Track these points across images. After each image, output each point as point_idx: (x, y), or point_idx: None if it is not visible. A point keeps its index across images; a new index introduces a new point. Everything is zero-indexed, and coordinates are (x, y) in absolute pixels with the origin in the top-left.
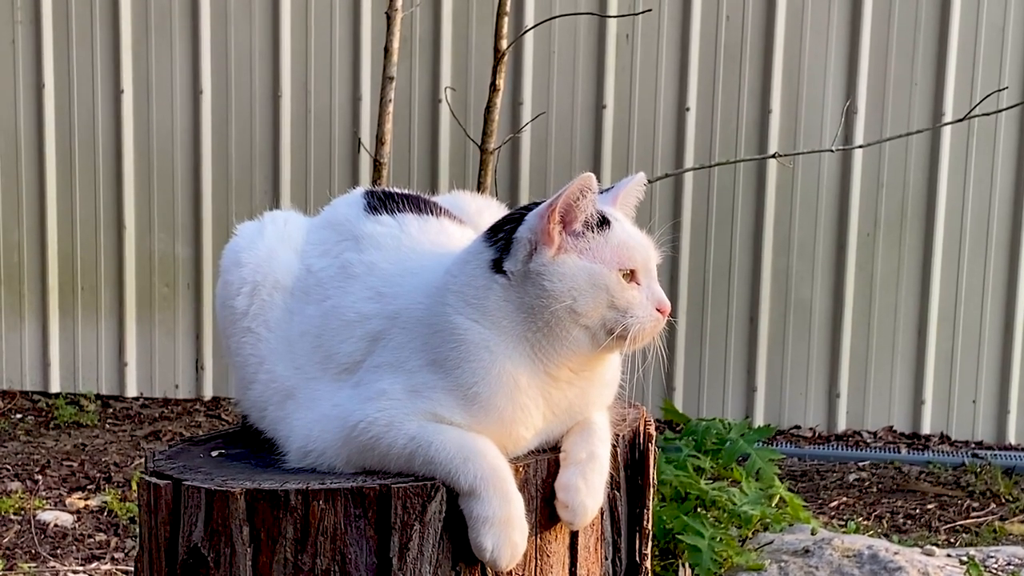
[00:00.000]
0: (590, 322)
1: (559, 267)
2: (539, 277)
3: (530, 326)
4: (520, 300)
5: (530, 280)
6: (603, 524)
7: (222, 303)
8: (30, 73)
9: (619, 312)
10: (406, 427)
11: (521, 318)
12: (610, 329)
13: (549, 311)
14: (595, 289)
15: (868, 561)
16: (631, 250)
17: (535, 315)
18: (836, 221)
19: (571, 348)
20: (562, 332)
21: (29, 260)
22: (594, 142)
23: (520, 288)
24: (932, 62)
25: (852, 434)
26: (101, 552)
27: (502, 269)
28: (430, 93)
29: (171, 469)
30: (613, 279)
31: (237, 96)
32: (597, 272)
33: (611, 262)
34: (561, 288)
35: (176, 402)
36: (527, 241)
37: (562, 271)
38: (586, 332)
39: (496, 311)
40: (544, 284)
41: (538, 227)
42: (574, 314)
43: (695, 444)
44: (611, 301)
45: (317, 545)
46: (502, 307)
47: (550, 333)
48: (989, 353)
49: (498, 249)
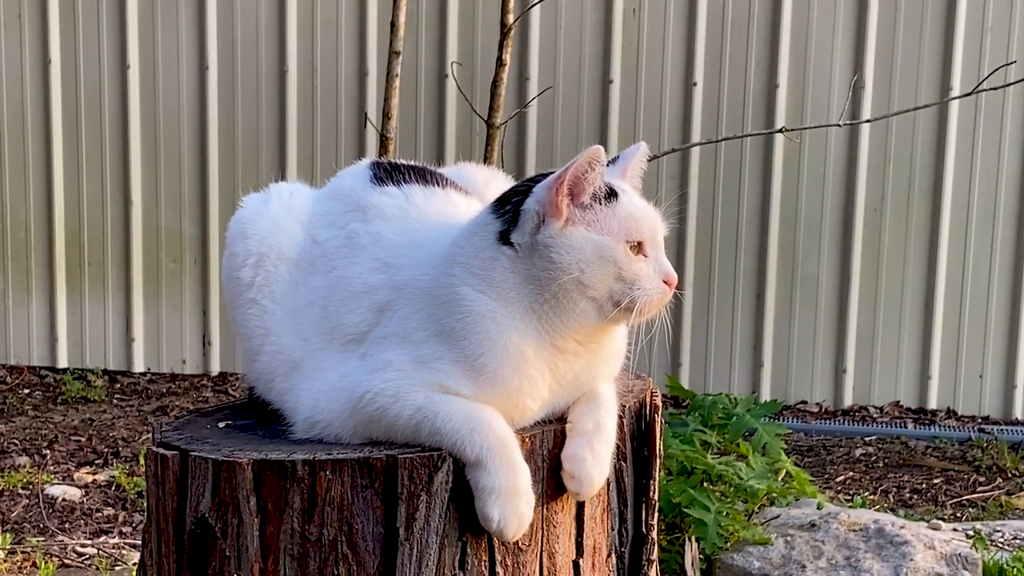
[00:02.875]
0: (597, 294)
1: (567, 239)
2: (547, 249)
3: (537, 298)
4: (527, 272)
5: (537, 252)
6: (609, 495)
7: (228, 275)
8: (36, 49)
9: (626, 284)
10: (413, 398)
11: (528, 290)
12: (617, 301)
13: (556, 283)
14: (602, 261)
15: (874, 535)
16: (638, 222)
17: (542, 287)
18: (843, 196)
19: (578, 320)
20: (569, 304)
21: (36, 236)
22: (601, 117)
23: (527, 260)
24: (940, 36)
25: (858, 409)
26: (109, 526)
27: (509, 241)
28: (436, 68)
29: (178, 440)
30: (620, 251)
31: (243, 71)
32: (604, 244)
33: (618, 234)
34: (568, 260)
35: (183, 377)
36: (535, 213)
37: (570, 243)
38: (593, 304)
39: (503, 282)
40: (552, 256)
41: (546, 199)
42: (581, 286)
43: (701, 419)
44: (618, 273)
45: (324, 515)
46: (509, 279)
47: (557, 305)
48: (996, 328)
49: (505, 221)
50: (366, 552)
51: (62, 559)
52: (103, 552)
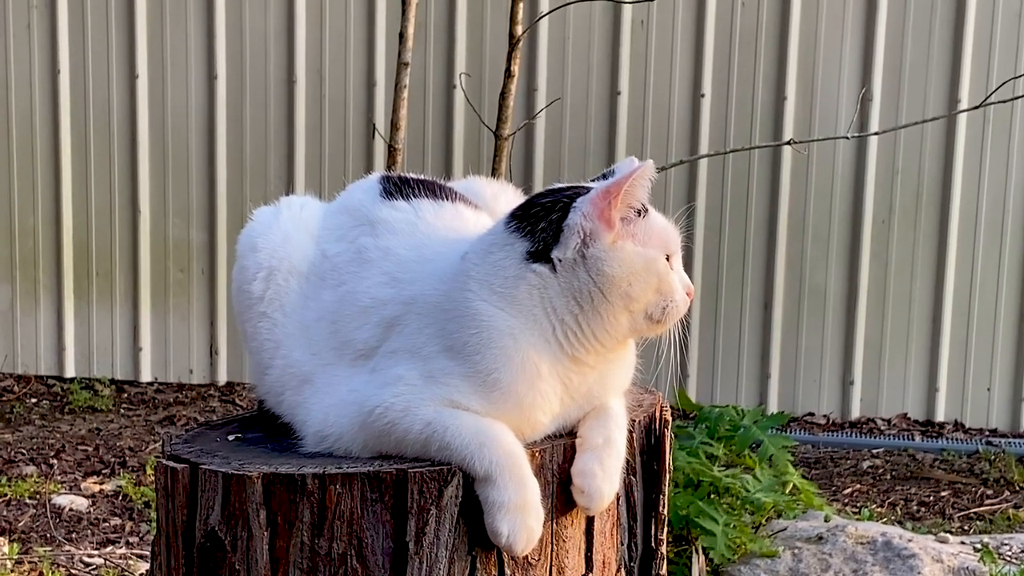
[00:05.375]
0: (638, 307)
1: (619, 253)
2: (598, 263)
3: (570, 313)
4: (567, 286)
5: (585, 267)
6: (619, 509)
7: (238, 288)
8: (45, 58)
9: (662, 297)
10: (422, 413)
11: (561, 304)
12: (650, 314)
13: (602, 297)
14: (648, 274)
15: (882, 548)
16: (669, 235)
17: (582, 301)
18: (851, 208)
19: (610, 333)
20: (610, 317)
21: (44, 245)
22: (609, 128)
23: (569, 275)
24: (948, 49)
25: (866, 421)
26: (116, 536)
27: (543, 258)
28: (445, 79)
29: (188, 453)
30: (662, 264)
31: (252, 81)
32: (651, 257)
33: (659, 247)
34: (620, 274)
35: (190, 387)
36: (580, 228)
37: (621, 257)
38: (630, 317)
39: (527, 300)
40: (604, 270)
41: (596, 214)
42: (628, 299)
43: (708, 431)
44: (658, 286)
45: (334, 529)
46: (534, 295)
47: (596, 318)
48: (1004, 340)
49: (535, 239)
50: (375, 566)
51: (69, 569)
52: (110, 562)
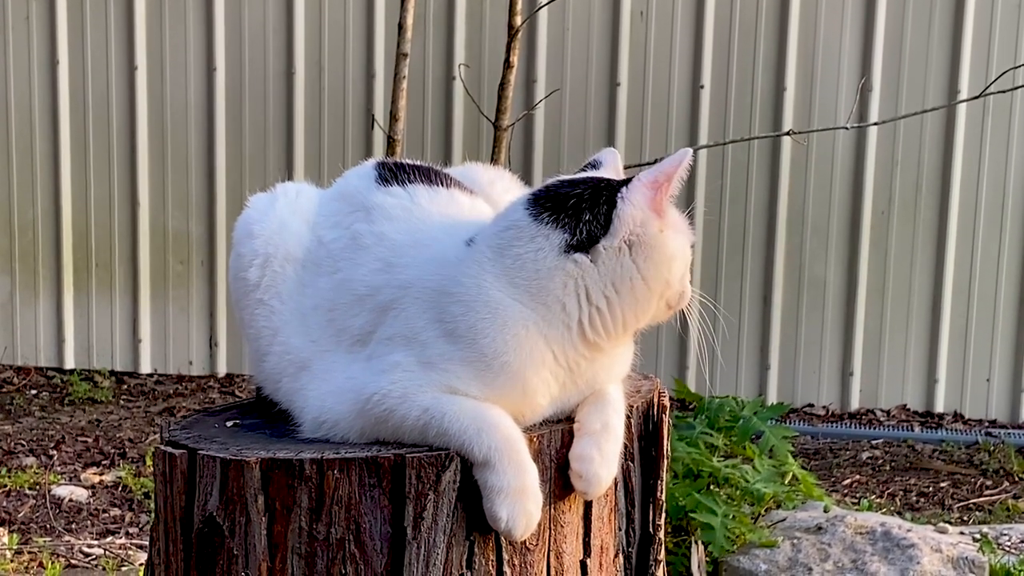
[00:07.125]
0: (673, 292)
1: (666, 240)
2: (648, 250)
3: (604, 298)
4: (607, 274)
5: (631, 254)
6: (617, 495)
7: (234, 275)
8: (44, 50)
9: (682, 285)
10: (420, 399)
11: (597, 291)
12: (669, 302)
13: (642, 282)
14: (684, 262)
15: (881, 538)
16: (685, 222)
17: (620, 287)
18: (850, 199)
19: (639, 318)
20: (644, 302)
21: (44, 237)
22: (608, 119)
23: (612, 262)
24: (948, 39)
25: (865, 412)
26: (116, 527)
27: (584, 248)
28: (444, 70)
29: (186, 439)
30: (690, 253)
31: (251, 73)
32: (686, 246)
33: (688, 236)
34: (664, 260)
35: (190, 379)
36: (631, 217)
37: (667, 244)
38: (659, 302)
39: (559, 289)
40: (653, 256)
41: (647, 203)
42: (666, 285)
43: (708, 422)
44: (684, 273)
45: (332, 514)
46: (569, 285)
47: (631, 303)
48: (1003, 332)
49: (575, 230)
50: (373, 551)
51: (69, 559)
52: (110, 552)
